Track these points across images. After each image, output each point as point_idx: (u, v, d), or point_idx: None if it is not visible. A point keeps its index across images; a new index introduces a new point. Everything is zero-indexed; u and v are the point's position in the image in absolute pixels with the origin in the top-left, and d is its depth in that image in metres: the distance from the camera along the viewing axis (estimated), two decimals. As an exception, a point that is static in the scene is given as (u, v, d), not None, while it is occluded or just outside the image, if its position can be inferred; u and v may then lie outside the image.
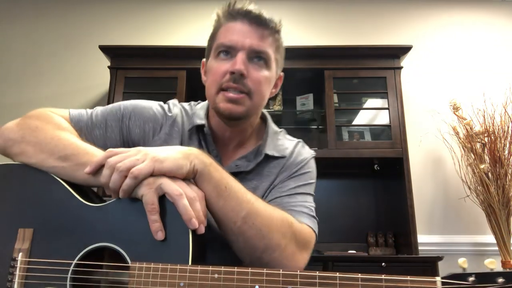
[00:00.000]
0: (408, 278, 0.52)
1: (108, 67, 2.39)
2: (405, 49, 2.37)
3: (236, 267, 0.56)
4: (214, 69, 0.82)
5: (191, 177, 0.66)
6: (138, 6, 2.87)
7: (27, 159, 0.69)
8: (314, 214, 0.84)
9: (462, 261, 0.55)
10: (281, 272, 0.55)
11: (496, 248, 2.15)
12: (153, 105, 0.89)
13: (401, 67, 2.38)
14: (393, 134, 2.26)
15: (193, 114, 0.89)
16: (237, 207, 0.66)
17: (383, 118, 2.38)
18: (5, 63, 2.75)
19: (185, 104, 0.94)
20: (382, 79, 2.37)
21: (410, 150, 2.31)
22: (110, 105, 0.87)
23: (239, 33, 0.81)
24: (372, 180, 2.55)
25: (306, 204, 0.83)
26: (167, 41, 2.67)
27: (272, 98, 2.55)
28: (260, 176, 0.86)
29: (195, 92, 2.39)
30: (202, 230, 0.60)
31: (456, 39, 2.80)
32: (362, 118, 2.51)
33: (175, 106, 0.91)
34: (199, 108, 0.91)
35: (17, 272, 0.62)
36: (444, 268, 2.05)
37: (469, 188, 2.29)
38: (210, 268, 0.56)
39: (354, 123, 2.50)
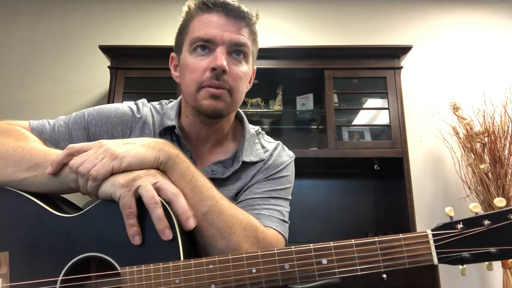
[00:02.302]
0: (401, 236, 0.54)
1: (108, 67, 2.39)
2: (405, 49, 2.37)
3: (230, 255, 0.56)
4: (192, 66, 0.77)
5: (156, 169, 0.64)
6: (138, 6, 2.87)
7: None
8: (286, 219, 0.81)
9: (448, 209, 0.55)
10: (276, 251, 0.55)
11: (496, 248, 2.15)
12: (120, 108, 0.84)
13: (401, 67, 2.38)
14: (393, 134, 2.26)
15: (164, 114, 0.86)
16: (199, 202, 0.63)
17: (383, 118, 2.38)
18: (5, 63, 2.75)
19: (156, 103, 0.90)
20: (382, 79, 2.37)
21: (410, 150, 2.31)
22: (74, 114, 0.83)
23: (217, 26, 0.76)
24: (372, 180, 2.55)
25: (279, 208, 0.81)
26: (167, 41, 2.66)
27: (272, 98, 2.55)
28: (236, 180, 0.83)
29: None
30: (191, 224, 0.59)
31: (456, 39, 2.79)
32: (362, 118, 2.51)
33: (144, 106, 0.87)
34: (170, 108, 0.87)
35: None
36: (444, 268, 2.04)
37: (469, 188, 2.29)
38: (204, 260, 0.55)
39: (354, 123, 2.50)
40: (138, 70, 2.38)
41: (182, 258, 0.56)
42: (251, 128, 0.92)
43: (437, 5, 2.87)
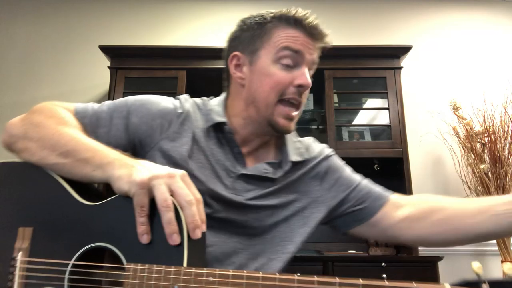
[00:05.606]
0: (414, 285, 0.47)
1: (108, 67, 2.39)
2: (405, 49, 2.37)
3: (231, 271, 0.55)
4: (277, 78, 0.80)
5: None
6: (138, 6, 2.87)
7: (30, 156, 0.69)
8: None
9: (477, 266, 0.48)
10: (277, 276, 0.54)
11: (496, 248, 2.15)
12: (163, 101, 0.84)
13: (401, 67, 2.38)
14: (393, 134, 2.26)
15: (210, 110, 0.85)
16: None
17: (383, 118, 2.38)
18: (5, 63, 2.75)
19: (197, 100, 0.89)
20: (382, 79, 2.37)
21: (410, 150, 2.31)
22: (118, 100, 0.83)
23: (304, 44, 0.82)
24: (372, 180, 2.54)
25: (367, 181, 1.02)
26: (167, 41, 2.67)
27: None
28: (288, 189, 0.86)
29: (195, 92, 2.38)
30: (198, 235, 0.57)
31: (456, 39, 2.79)
32: (362, 118, 2.51)
33: (186, 102, 0.86)
34: (216, 104, 0.86)
35: (17, 272, 0.62)
36: (444, 268, 2.05)
37: (469, 188, 2.29)
38: (205, 271, 0.55)
39: (354, 123, 2.50)
40: (138, 70, 2.38)
41: (185, 265, 0.56)
42: None
43: (437, 5, 2.87)
